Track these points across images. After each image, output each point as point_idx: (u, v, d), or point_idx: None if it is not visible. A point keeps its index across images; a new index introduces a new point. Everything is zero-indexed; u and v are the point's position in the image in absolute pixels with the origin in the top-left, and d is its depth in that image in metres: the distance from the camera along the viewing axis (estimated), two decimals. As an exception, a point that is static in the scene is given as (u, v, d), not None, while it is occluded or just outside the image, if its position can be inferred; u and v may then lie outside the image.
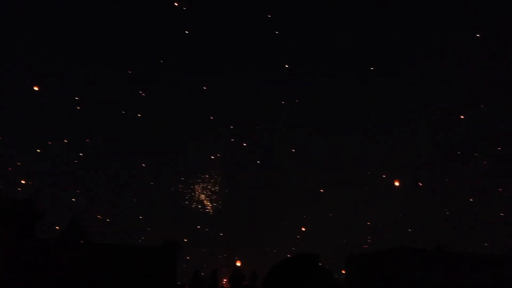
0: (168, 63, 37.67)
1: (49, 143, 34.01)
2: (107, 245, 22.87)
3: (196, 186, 36.78)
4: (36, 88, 32.60)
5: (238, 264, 32.45)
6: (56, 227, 25.62)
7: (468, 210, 32.80)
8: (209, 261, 32.50)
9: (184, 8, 35.79)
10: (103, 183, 35.78)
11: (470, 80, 36.76)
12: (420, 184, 35.78)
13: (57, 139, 34.21)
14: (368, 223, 34.92)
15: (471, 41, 35.86)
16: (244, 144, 39.25)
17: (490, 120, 35.63)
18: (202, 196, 36.28)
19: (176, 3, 35.69)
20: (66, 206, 31.83)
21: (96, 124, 37.04)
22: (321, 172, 38.15)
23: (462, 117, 36.71)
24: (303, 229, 36.27)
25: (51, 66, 37.47)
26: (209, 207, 36.12)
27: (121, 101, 37.10)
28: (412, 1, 38.20)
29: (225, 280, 26.65)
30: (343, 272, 26.06)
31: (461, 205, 33.27)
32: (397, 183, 34.95)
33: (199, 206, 36.00)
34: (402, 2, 38.30)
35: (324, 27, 39.30)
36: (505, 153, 35.08)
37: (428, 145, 37.76)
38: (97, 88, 37.57)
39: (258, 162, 39.59)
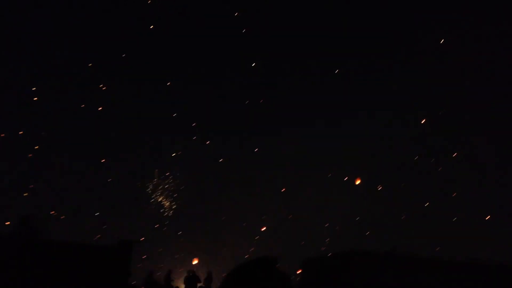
0: (131, 58, 36.93)
1: (2, 135, 32.92)
2: (59, 243, 22.28)
3: (156, 184, 36.32)
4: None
5: (195, 262, 32.33)
6: (6, 223, 24.83)
7: (423, 215, 33.71)
8: (165, 260, 32.16)
9: (149, 1, 35.31)
10: (58, 178, 34.86)
11: (433, 85, 37.55)
12: (380, 187, 36.46)
13: (11, 131, 33.16)
14: (327, 225, 35.34)
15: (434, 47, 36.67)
16: (207, 143, 39.04)
17: (447, 125, 36.52)
18: (162, 198, 35.83)
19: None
20: (19, 201, 30.92)
21: (54, 117, 36.09)
22: (283, 173, 38.35)
23: (423, 121, 37.48)
24: (263, 229, 36.40)
25: (6, 54, 36.20)
26: (167, 206, 35.73)
27: (80, 94, 36.24)
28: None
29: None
30: (299, 271, 26.26)
31: (417, 210, 34.16)
32: (358, 181, 35.52)
33: (158, 205, 35.56)
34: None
35: (289, 27, 39.34)
36: (460, 159, 36.12)
37: (389, 149, 38.38)
38: (56, 79, 36.60)
39: (220, 160, 39.41)
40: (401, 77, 37.65)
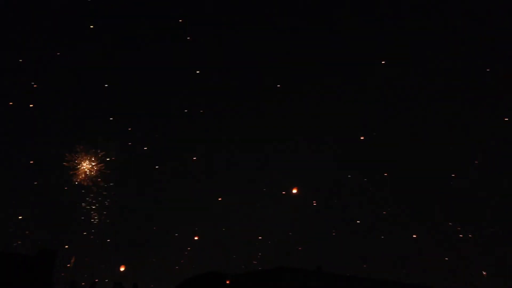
0: (66, 56, 35.54)
1: None
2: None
3: (86, 189, 34.93)
4: None
5: (122, 269, 31.46)
6: None
7: (353, 232, 34.53)
8: (91, 270, 31.07)
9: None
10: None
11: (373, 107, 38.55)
12: (315, 203, 36.90)
13: None
14: (260, 238, 35.35)
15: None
16: (145, 149, 38.12)
17: (380, 148, 37.60)
18: (94, 208, 34.46)
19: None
20: None
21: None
22: (220, 182, 38.10)
23: (362, 138, 38.25)
24: (196, 238, 35.95)
25: None
26: (96, 214, 34.45)
27: (10, 91, 34.41)
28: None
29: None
30: (228, 282, 26.04)
31: (347, 227, 34.94)
32: (295, 190, 35.72)
33: (87, 212, 34.25)
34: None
35: (235, 33, 39.34)
36: (392, 176, 37.27)
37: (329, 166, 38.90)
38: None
39: (157, 167, 38.59)
40: (346, 99, 38.45)
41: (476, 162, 36.05)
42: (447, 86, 37.62)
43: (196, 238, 36.16)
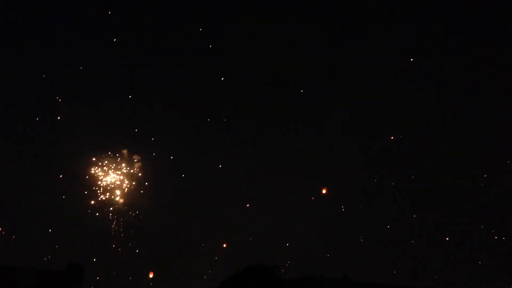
0: (90, 70, 36.07)
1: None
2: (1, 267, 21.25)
3: (111, 200, 35.23)
4: None
5: (151, 275, 31.72)
6: None
7: (381, 239, 33.72)
8: (120, 283, 31.29)
9: (109, 12, 34.70)
10: (5, 192, 33.31)
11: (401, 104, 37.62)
12: (343, 208, 36.23)
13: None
14: (287, 245, 34.89)
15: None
16: (171, 157, 38.26)
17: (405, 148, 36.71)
18: (122, 220, 34.63)
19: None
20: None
21: (7, 126, 35.02)
22: (246, 189, 37.89)
23: (392, 137, 37.38)
24: (225, 245, 35.79)
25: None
26: (121, 226, 34.63)
27: (35, 105, 35.14)
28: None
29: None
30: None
31: (375, 234, 34.12)
32: (324, 191, 35.14)
33: (112, 223, 34.49)
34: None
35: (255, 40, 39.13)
36: (417, 184, 36.33)
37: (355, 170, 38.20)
38: (11, 88, 35.52)
39: (183, 175, 38.70)
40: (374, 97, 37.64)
41: (508, 161, 34.85)
42: (478, 85, 36.50)
43: (224, 245, 36.01)
